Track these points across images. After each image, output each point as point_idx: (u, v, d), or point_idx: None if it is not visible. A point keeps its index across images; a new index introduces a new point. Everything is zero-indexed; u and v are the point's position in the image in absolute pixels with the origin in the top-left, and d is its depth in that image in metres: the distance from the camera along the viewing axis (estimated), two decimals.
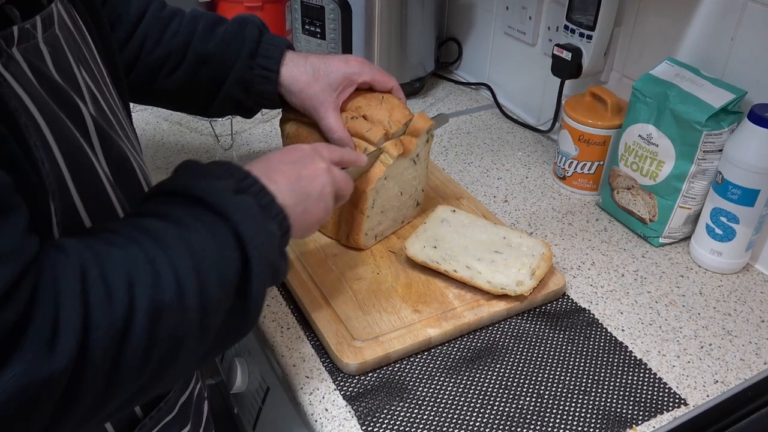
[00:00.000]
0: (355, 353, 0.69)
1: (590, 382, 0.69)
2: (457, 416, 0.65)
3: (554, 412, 0.66)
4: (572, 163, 0.98)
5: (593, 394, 0.68)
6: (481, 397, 0.67)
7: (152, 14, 0.78)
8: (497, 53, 1.25)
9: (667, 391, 0.68)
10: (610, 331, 0.75)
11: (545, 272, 0.77)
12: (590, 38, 0.95)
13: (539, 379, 0.69)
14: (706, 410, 0.67)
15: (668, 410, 0.66)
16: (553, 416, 0.65)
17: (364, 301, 0.75)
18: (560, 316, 0.77)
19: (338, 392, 0.67)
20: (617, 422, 0.65)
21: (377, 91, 0.82)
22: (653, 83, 0.85)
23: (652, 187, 0.87)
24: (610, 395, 0.68)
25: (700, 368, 0.71)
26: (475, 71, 1.33)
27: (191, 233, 0.46)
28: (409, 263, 0.80)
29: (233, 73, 0.78)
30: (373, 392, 0.67)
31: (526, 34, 1.15)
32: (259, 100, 0.81)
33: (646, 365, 0.71)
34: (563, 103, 0.99)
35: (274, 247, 0.51)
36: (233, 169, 0.53)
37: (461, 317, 0.73)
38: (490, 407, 0.66)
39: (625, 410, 0.66)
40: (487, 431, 0.64)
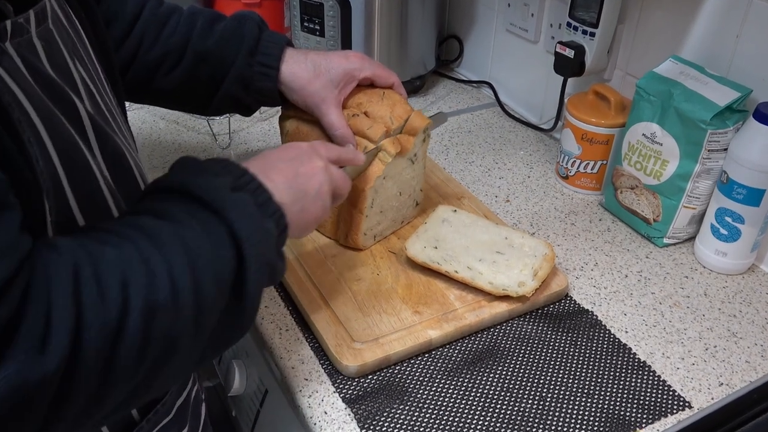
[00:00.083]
0: (354, 355, 0.68)
1: (593, 384, 0.69)
2: (458, 419, 0.65)
3: (557, 415, 0.65)
4: (575, 162, 0.97)
5: (596, 396, 0.67)
6: (482, 399, 0.67)
7: (149, 12, 0.78)
8: (499, 51, 1.25)
9: (671, 393, 0.68)
10: (613, 332, 0.75)
11: (547, 273, 0.77)
12: (593, 35, 0.95)
13: (541, 381, 0.69)
14: (710, 413, 0.67)
15: (672, 413, 0.66)
16: (555, 419, 0.65)
17: (363, 302, 0.75)
18: (563, 317, 0.77)
19: (337, 395, 0.67)
20: (621, 425, 0.65)
21: (378, 87, 0.82)
22: (657, 81, 0.85)
23: (656, 186, 0.86)
24: (613, 398, 0.67)
25: (704, 370, 0.71)
26: (476, 69, 1.33)
27: (186, 231, 0.45)
28: (409, 264, 0.80)
29: (233, 70, 0.78)
30: (372, 395, 0.67)
31: (528, 31, 1.15)
32: (258, 97, 0.81)
33: (650, 367, 0.71)
34: (566, 101, 0.99)
35: (270, 245, 0.51)
36: (231, 166, 0.52)
37: (462, 319, 0.73)
38: (491, 410, 0.66)
39: (628, 413, 0.66)
40: None
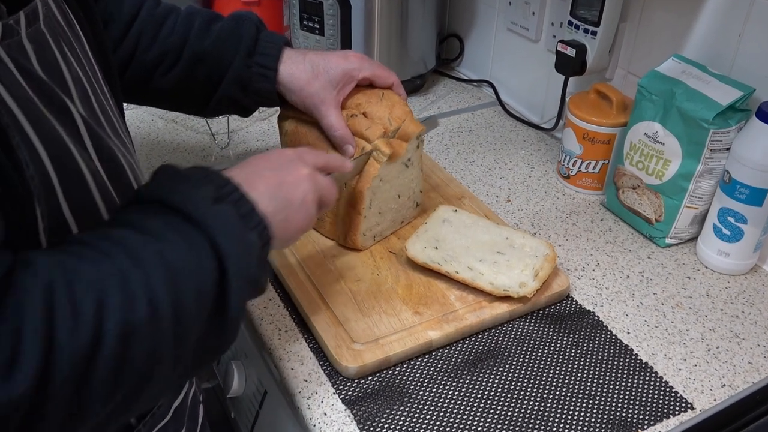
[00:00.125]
0: (354, 356, 0.68)
1: (595, 385, 0.68)
2: (458, 421, 0.64)
3: (558, 416, 0.65)
4: (576, 161, 0.97)
5: (598, 397, 0.67)
6: (483, 401, 0.66)
7: (146, 12, 0.78)
8: (500, 50, 1.25)
9: (673, 395, 0.68)
10: (615, 333, 0.75)
11: (549, 273, 0.77)
12: (595, 34, 0.95)
13: (543, 382, 0.69)
14: (713, 414, 0.67)
15: (674, 414, 0.66)
16: (557, 421, 0.65)
17: (363, 302, 0.74)
18: (564, 318, 0.76)
19: (337, 396, 0.66)
20: (622, 427, 0.64)
21: (377, 87, 0.82)
22: (659, 80, 0.84)
23: (658, 186, 0.86)
24: (615, 399, 0.67)
25: (707, 371, 0.71)
26: (477, 68, 1.32)
27: (166, 245, 0.44)
28: (409, 264, 0.79)
29: (230, 71, 0.78)
30: (372, 396, 0.66)
31: (529, 30, 1.15)
32: (256, 98, 0.80)
33: (651, 368, 0.70)
34: (567, 100, 0.99)
35: (253, 258, 0.49)
36: (213, 175, 0.51)
37: (463, 319, 0.73)
38: (492, 411, 0.65)
39: (630, 414, 0.65)
40: None
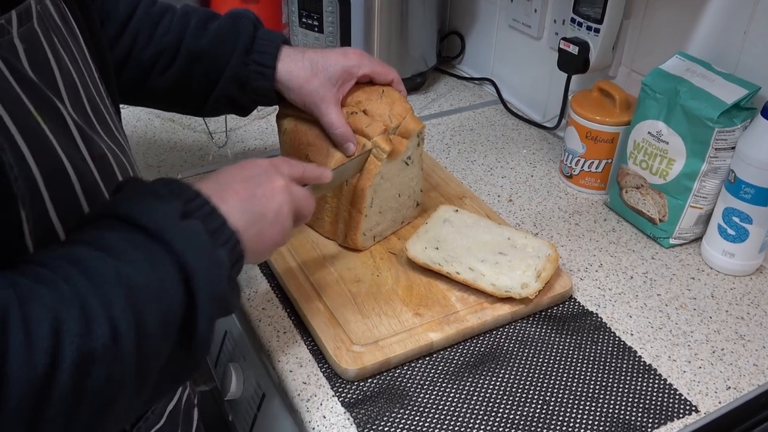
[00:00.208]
0: (354, 358, 0.67)
1: (598, 388, 0.68)
2: (459, 424, 0.64)
3: (561, 419, 0.65)
4: (579, 161, 0.96)
5: (601, 400, 0.67)
6: (484, 404, 0.66)
7: (143, 11, 0.77)
8: (501, 47, 1.24)
9: (677, 397, 0.67)
10: (618, 335, 0.74)
11: (551, 274, 0.76)
12: (598, 31, 0.94)
13: (545, 385, 0.68)
14: (718, 417, 0.66)
15: (679, 417, 0.65)
16: (559, 424, 0.64)
17: (363, 304, 0.74)
18: (567, 319, 0.76)
19: (336, 399, 0.66)
20: (626, 430, 0.64)
21: (377, 84, 0.81)
22: (663, 78, 0.84)
23: (662, 186, 0.85)
24: (618, 402, 0.67)
25: (711, 374, 0.70)
26: (478, 66, 1.32)
27: (129, 265, 0.41)
28: (410, 265, 0.79)
29: (228, 69, 0.77)
30: (372, 399, 0.66)
31: (531, 27, 1.14)
32: (254, 97, 0.80)
33: (655, 371, 0.70)
34: (570, 98, 0.99)
35: (223, 277, 0.47)
36: (181, 188, 0.49)
37: (464, 321, 0.72)
38: (494, 414, 0.65)
39: (633, 417, 0.65)
40: None
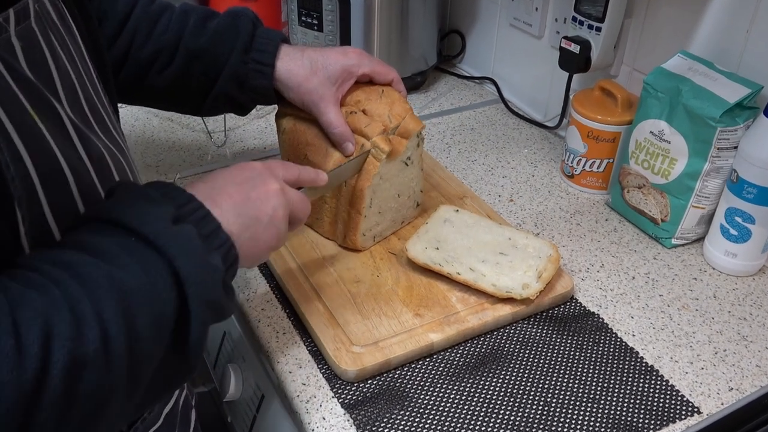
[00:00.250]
0: (353, 359, 0.67)
1: (599, 389, 0.68)
2: (460, 425, 0.64)
3: (562, 420, 0.64)
4: (581, 160, 0.96)
5: (602, 401, 0.66)
6: (485, 405, 0.66)
7: (141, 10, 0.77)
8: (502, 46, 1.24)
9: (679, 398, 0.67)
10: (620, 336, 0.74)
11: (552, 275, 0.76)
12: (599, 30, 0.94)
13: (546, 386, 0.68)
14: (720, 419, 0.66)
15: (681, 419, 0.65)
16: (560, 425, 0.64)
17: (363, 304, 0.74)
18: (568, 320, 0.76)
19: (336, 400, 0.66)
20: (628, 431, 0.63)
21: (377, 83, 0.81)
22: (665, 77, 0.83)
23: (664, 185, 0.85)
24: (620, 403, 0.66)
25: (714, 375, 0.70)
26: (479, 65, 1.32)
27: (121, 270, 0.41)
28: (410, 265, 0.79)
29: (227, 68, 0.77)
30: (372, 400, 0.66)
31: (532, 26, 1.14)
32: (253, 96, 0.80)
33: (657, 372, 0.70)
34: (571, 98, 0.98)
35: (217, 282, 0.46)
36: (174, 192, 0.48)
37: (465, 322, 0.72)
38: (495, 416, 0.65)
39: (635, 419, 0.65)
40: None
